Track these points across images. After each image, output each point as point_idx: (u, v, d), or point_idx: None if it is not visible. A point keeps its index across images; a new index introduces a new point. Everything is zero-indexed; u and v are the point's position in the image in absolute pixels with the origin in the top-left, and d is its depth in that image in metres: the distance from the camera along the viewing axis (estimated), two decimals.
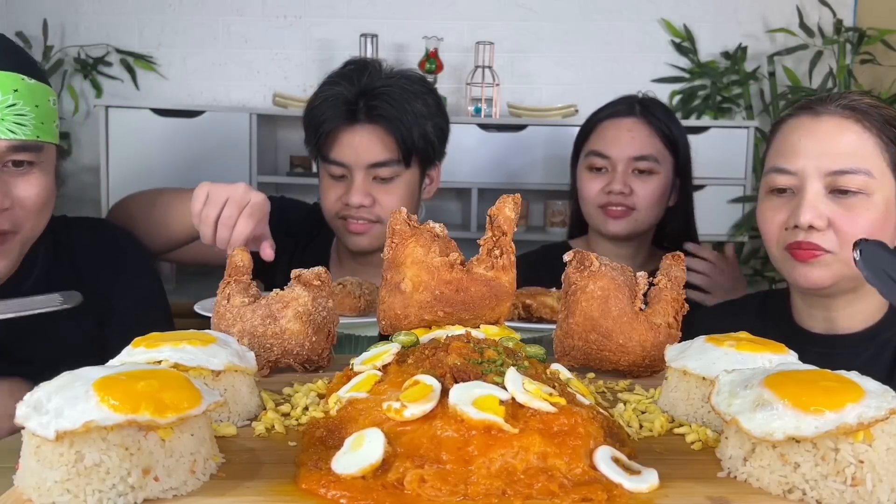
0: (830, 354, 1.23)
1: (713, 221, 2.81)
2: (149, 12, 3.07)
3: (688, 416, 0.83)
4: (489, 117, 2.87)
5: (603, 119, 1.85)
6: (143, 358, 0.78)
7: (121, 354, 0.80)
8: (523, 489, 0.62)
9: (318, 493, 0.62)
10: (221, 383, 0.79)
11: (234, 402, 0.80)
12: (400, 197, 1.66)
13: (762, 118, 3.06)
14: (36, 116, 1.19)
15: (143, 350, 0.79)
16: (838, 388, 0.66)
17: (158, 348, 0.79)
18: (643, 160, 1.78)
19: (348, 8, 3.09)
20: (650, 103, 1.86)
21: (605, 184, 1.79)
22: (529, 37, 3.10)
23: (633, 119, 1.81)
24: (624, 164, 1.78)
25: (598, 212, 1.81)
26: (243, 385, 0.82)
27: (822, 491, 0.63)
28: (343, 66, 1.73)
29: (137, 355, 0.79)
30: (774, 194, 1.28)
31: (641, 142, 1.79)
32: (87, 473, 0.59)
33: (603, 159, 1.80)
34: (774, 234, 1.27)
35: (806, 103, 1.29)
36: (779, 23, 3.03)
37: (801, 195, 1.22)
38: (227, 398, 0.79)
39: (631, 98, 1.87)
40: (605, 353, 1.00)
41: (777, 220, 1.26)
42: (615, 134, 1.81)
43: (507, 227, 0.97)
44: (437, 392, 0.69)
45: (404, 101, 1.64)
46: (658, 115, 1.83)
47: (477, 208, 2.83)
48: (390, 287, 0.96)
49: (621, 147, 1.79)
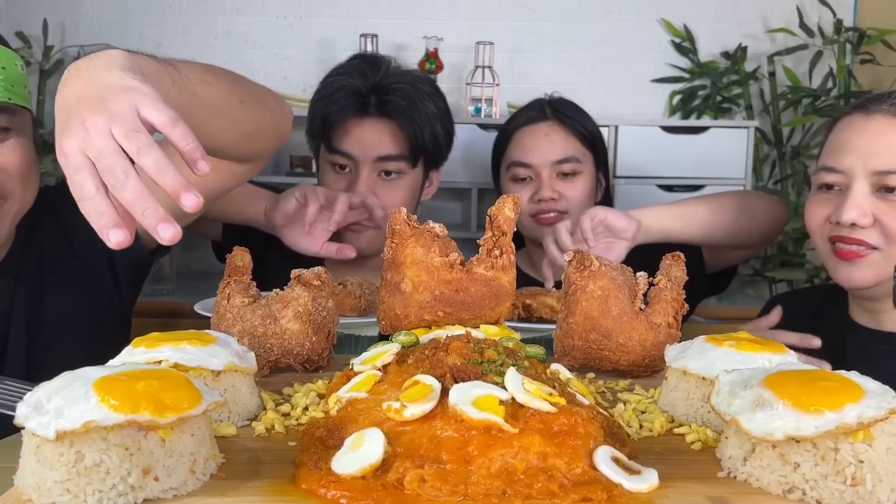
0: (870, 348, 1.26)
1: None
2: (149, 12, 3.06)
3: (688, 416, 0.83)
4: (489, 117, 2.87)
5: (518, 128, 1.85)
6: (143, 358, 0.78)
7: (120, 354, 0.80)
8: (523, 489, 0.62)
9: (318, 493, 0.62)
10: (221, 383, 0.79)
11: (234, 403, 0.80)
12: (403, 196, 1.66)
13: (762, 118, 3.06)
14: (4, 79, 1.18)
15: (143, 350, 0.79)
16: (838, 388, 0.66)
17: (158, 348, 0.79)
18: (566, 162, 1.78)
19: (348, 8, 3.09)
20: (560, 104, 1.87)
21: (532, 192, 1.79)
22: (529, 37, 3.10)
23: (547, 123, 1.82)
24: (547, 169, 1.78)
25: (532, 221, 1.81)
26: (243, 385, 0.82)
27: (822, 491, 0.63)
28: (351, 59, 1.72)
29: (137, 355, 0.79)
30: (822, 190, 1.30)
31: (560, 144, 1.79)
32: (88, 473, 0.59)
33: (526, 168, 1.80)
34: (819, 227, 1.30)
35: (860, 102, 1.31)
36: (779, 23, 3.03)
37: (846, 193, 1.24)
38: (227, 398, 0.79)
39: (540, 102, 1.88)
40: (605, 353, 1.00)
41: (821, 213, 1.29)
42: (533, 141, 1.81)
43: (507, 227, 0.97)
44: (437, 392, 0.69)
45: (417, 100, 1.64)
46: (570, 114, 1.83)
47: (477, 208, 2.83)
48: (390, 287, 0.96)
49: (542, 153, 1.79)
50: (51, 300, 1.35)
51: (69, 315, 1.36)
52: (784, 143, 3.00)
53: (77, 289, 1.37)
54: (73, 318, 1.36)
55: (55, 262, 1.36)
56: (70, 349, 1.34)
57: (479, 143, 2.83)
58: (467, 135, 2.83)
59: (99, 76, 0.84)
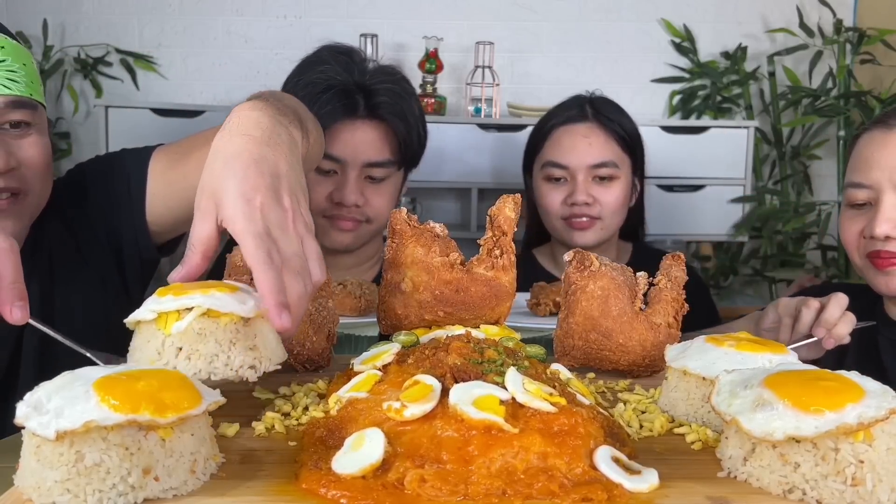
0: None
1: (713, 221, 2.82)
2: (149, 12, 3.07)
3: (688, 416, 0.83)
4: (489, 117, 2.87)
5: (556, 126, 1.80)
6: (173, 306, 0.75)
7: (146, 302, 0.78)
8: (523, 489, 0.62)
9: (318, 493, 0.62)
10: (252, 329, 0.78)
11: (263, 348, 0.79)
12: (389, 198, 1.65)
13: (762, 118, 3.06)
14: (25, 74, 1.19)
15: (171, 298, 0.76)
16: (838, 388, 0.66)
17: (189, 295, 0.76)
18: (603, 167, 1.74)
19: (348, 8, 3.09)
20: (601, 103, 1.81)
21: (565, 195, 1.75)
22: (529, 37, 3.10)
23: (587, 124, 1.76)
24: (583, 172, 1.74)
25: (563, 224, 1.77)
26: (270, 333, 0.81)
27: (822, 491, 0.63)
28: (319, 51, 1.65)
29: (166, 303, 0.76)
30: (853, 207, 1.36)
31: (599, 148, 1.75)
32: (88, 473, 0.59)
33: (561, 169, 1.76)
34: (854, 243, 1.36)
35: (878, 117, 1.38)
36: (779, 23, 3.03)
37: (876, 206, 1.31)
38: (256, 343, 0.78)
39: (581, 99, 1.82)
40: (605, 353, 1.00)
41: (854, 229, 1.35)
42: (571, 142, 1.76)
43: (507, 227, 0.97)
44: (437, 392, 0.69)
45: (404, 102, 1.62)
46: (611, 115, 1.78)
47: (477, 208, 2.83)
48: (390, 287, 0.96)
49: (579, 155, 1.74)
50: (61, 297, 1.34)
51: (78, 312, 1.35)
52: (784, 143, 3.01)
53: (85, 289, 1.36)
54: (82, 315, 1.35)
55: (64, 259, 1.36)
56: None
57: (479, 143, 2.83)
58: (467, 135, 2.83)
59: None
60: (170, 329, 0.75)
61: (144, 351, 0.77)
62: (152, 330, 0.77)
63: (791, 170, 3.00)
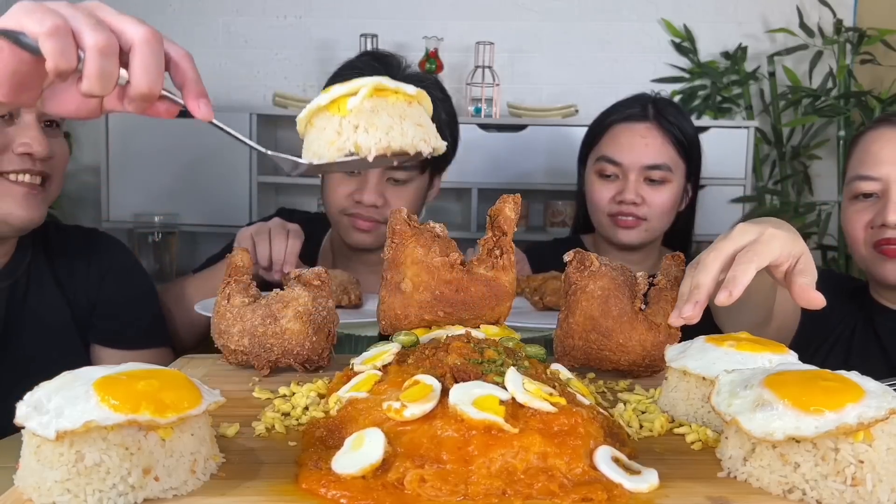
0: None
1: (713, 221, 2.81)
2: (149, 12, 3.06)
3: (688, 416, 0.83)
4: (489, 117, 2.87)
5: (616, 122, 1.77)
6: (342, 90, 0.82)
7: (315, 100, 0.84)
8: (523, 489, 0.62)
9: (318, 493, 0.62)
10: (416, 109, 0.85)
11: (429, 127, 0.86)
12: (410, 200, 1.66)
13: (762, 118, 3.06)
14: None
15: (337, 85, 0.83)
16: (838, 388, 0.66)
17: (353, 81, 0.83)
18: (656, 169, 1.72)
19: (348, 8, 3.09)
20: (663, 104, 1.79)
21: (615, 192, 1.74)
22: (529, 37, 3.10)
23: (646, 125, 1.74)
24: (636, 172, 1.72)
25: (609, 220, 1.76)
26: (428, 118, 0.88)
27: (822, 491, 0.63)
28: (361, 56, 1.69)
29: (335, 90, 0.82)
30: (859, 199, 1.39)
31: (656, 150, 1.73)
32: (88, 473, 0.59)
33: (614, 166, 1.74)
34: (860, 234, 1.39)
35: (884, 116, 1.44)
36: (779, 23, 3.03)
37: (886, 197, 1.34)
38: (422, 122, 0.85)
39: (644, 99, 1.80)
40: (605, 353, 1.00)
41: (862, 220, 1.38)
42: (628, 140, 1.74)
43: (508, 226, 0.97)
44: (437, 392, 0.69)
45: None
46: (671, 118, 1.76)
47: (477, 208, 2.83)
48: (390, 287, 0.96)
49: (634, 154, 1.72)
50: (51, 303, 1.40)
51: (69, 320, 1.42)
52: (784, 142, 3.01)
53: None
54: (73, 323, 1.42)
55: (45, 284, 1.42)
56: (77, 348, 1.40)
57: (480, 143, 2.83)
58: (467, 135, 2.82)
59: None
60: (345, 108, 0.81)
61: (321, 137, 0.83)
62: (326, 117, 0.83)
63: (791, 170, 3.00)
